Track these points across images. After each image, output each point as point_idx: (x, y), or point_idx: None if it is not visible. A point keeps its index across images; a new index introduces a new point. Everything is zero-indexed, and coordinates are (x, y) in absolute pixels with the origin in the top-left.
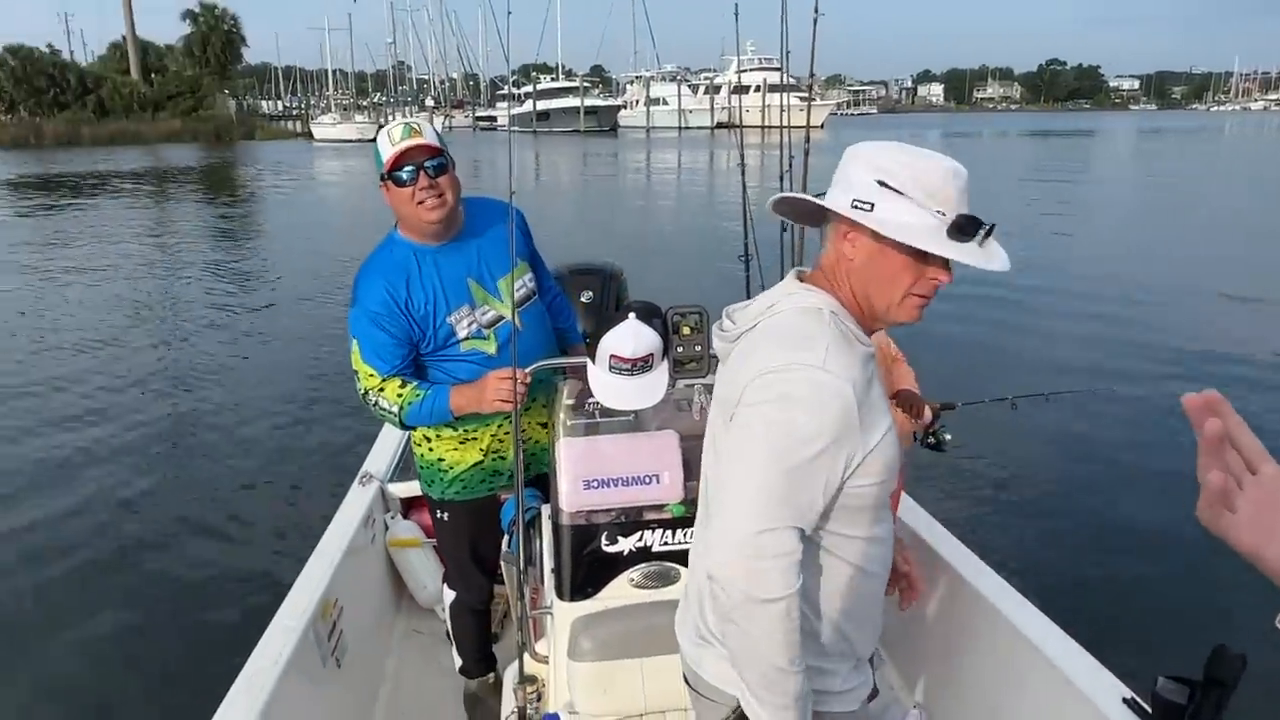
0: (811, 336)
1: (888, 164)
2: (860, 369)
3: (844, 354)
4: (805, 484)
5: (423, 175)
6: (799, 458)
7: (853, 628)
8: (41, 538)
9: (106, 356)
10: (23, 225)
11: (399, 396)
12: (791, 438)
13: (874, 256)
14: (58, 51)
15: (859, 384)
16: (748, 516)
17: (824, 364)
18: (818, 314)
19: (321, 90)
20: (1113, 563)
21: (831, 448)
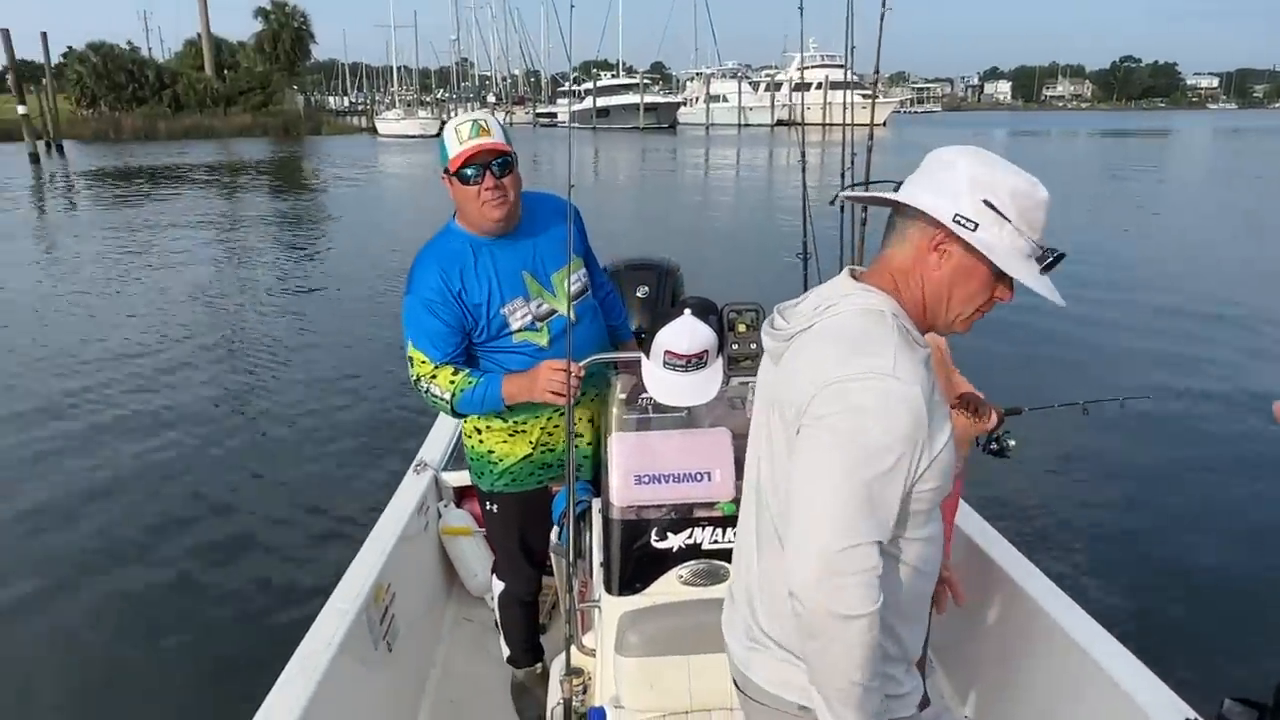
0: (878, 340)
1: (992, 184)
2: (925, 373)
3: (910, 358)
4: (883, 496)
5: (489, 175)
6: (876, 470)
7: (907, 630)
8: (101, 508)
9: (178, 338)
10: (104, 214)
11: (451, 384)
12: (867, 450)
13: (961, 271)
14: (137, 48)
15: (926, 389)
16: (828, 533)
17: (894, 370)
18: (880, 316)
19: (386, 86)
20: (1179, 576)
21: (905, 457)
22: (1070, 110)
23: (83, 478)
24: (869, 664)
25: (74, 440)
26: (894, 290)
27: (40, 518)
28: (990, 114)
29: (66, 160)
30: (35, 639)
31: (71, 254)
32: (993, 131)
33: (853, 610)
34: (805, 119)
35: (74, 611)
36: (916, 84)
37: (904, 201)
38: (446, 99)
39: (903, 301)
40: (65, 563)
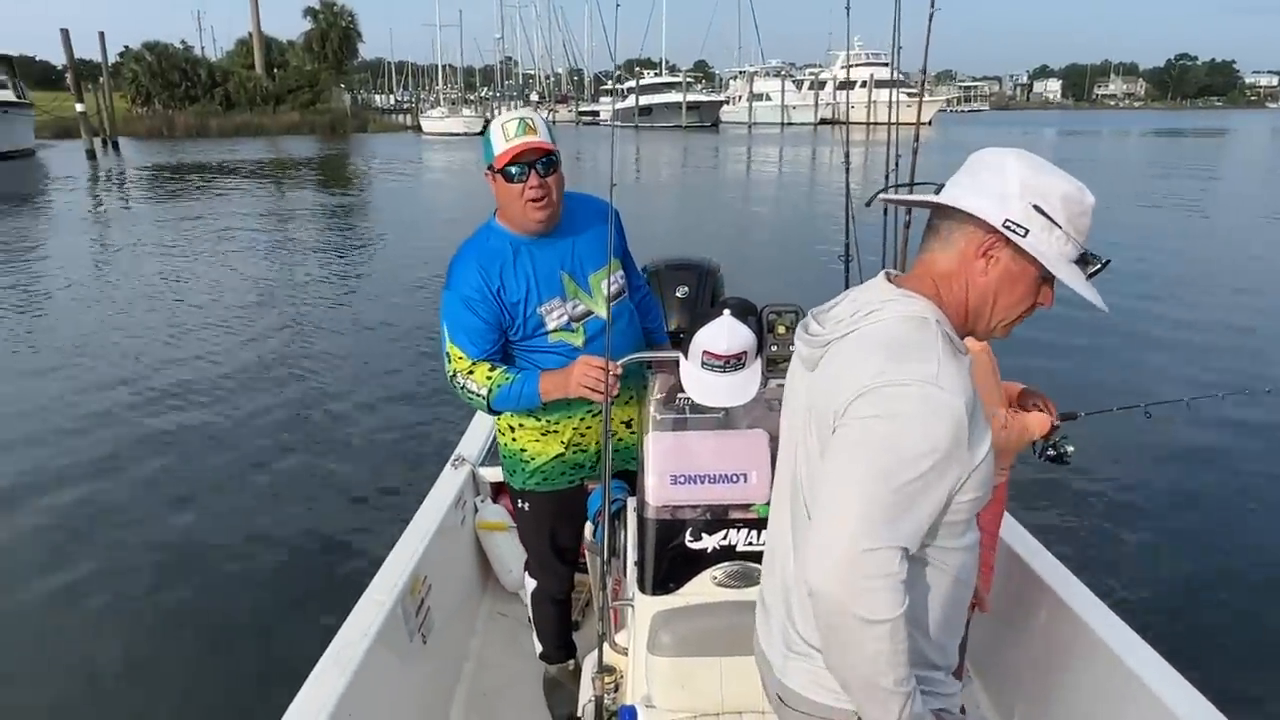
0: (923, 347)
1: (1043, 188)
2: (968, 382)
3: (954, 367)
4: (914, 504)
5: (533, 174)
6: (909, 476)
7: (947, 637)
8: (143, 496)
9: (227, 329)
10: (158, 209)
11: (488, 379)
12: (902, 456)
13: (1008, 276)
14: (190, 47)
15: (968, 399)
16: (851, 534)
17: (937, 378)
18: (924, 323)
19: (431, 85)
20: (1236, 595)
21: (941, 465)
22: (1123, 109)
23: (130, 461)
24: (894, 669)
25: (123, 426)
26: (935, 296)
27: (90, 499)
28: (1039, 113)
29: (122, 157)
30: (82, 619)
31: (127, 247)
32: (1042, 131)
33: (875, 614)
34: (849, 118)
35: (114, 594)
36: (963, 82)
37: (952, 205)
38: (490, 97)
39: (945, 307)
40: (108, 544)
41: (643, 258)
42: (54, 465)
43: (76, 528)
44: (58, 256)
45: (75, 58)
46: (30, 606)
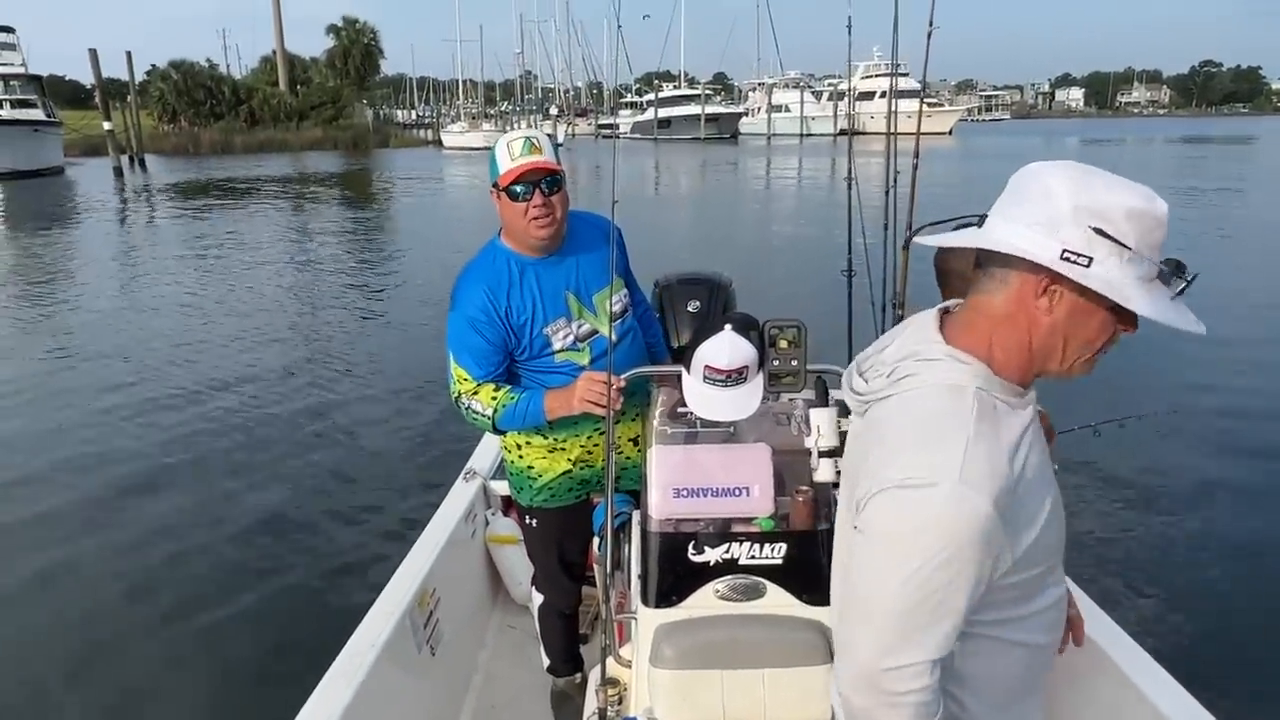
0: (950, 431)
1: (1102, 207)
2: (1008, 457)
3: (987, 450)
4: (939, 613)
5: (537, 193)
6: (930, 588)
7: (1024, 707)
8: (162, 507)
9: (248, 342)
10: (182, 225)
11: (493, 399)
12: (921, 565)
13: (1077, 312)
14: (215, 65)
15: (1005, 484)
16: (874, 651)
17: (960, 473)
18: (960, 394)
19: (452, 100)
20: (1225, 600)
21: (964, 568)
22: (1147, 116)
23: (151, 469)
24: None
25: (145, 434)
26: (988, 348)
27: (113, 505)
28: (1062, 121)
29: (148, 173)
30: (84, 623)
31: (150, 262)
32: (1065, 140)
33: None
34: (868, 128)
35: (125, 598)
36: (984, 91)
37: (995, 249)
38: (510, 111)
39: (999, 358)
40: (116, 554)
41: (657, 271)
42: (72, 479)
43: (95, 533)
44: (84, 271)
45: (103, 77)
46: (53, 609)
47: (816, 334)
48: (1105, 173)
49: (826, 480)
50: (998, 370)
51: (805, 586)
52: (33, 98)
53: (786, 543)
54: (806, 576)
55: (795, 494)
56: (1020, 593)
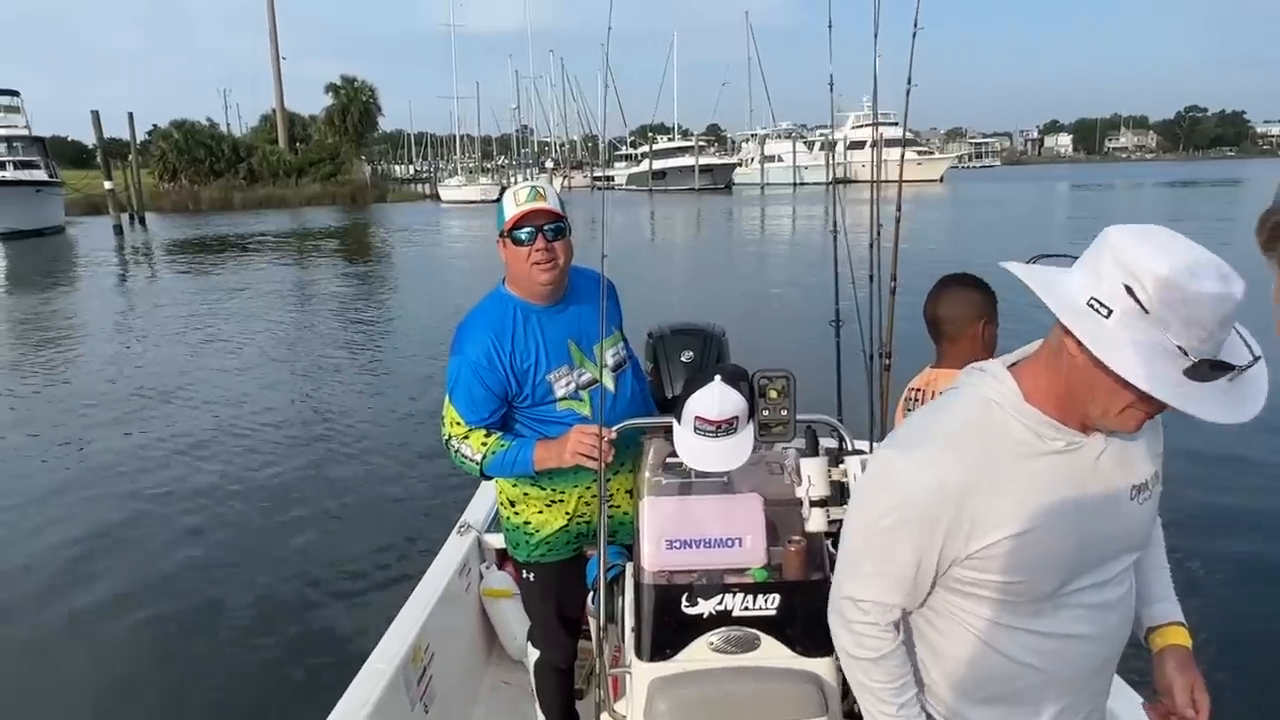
0: (943, 422)
1: (1144, 266)
2: (992, 460)
3: (969, 444)
4: (882, 560)
5: (540, 238)
6: (874, 535)
7: (965, 704)
8: (148, 557)
9: (244, 398)
10: (181, 282)
11: (483, 445)
12: (872, 516)
13: (1091, 365)
14: (215, 124)
15: (970, 478)
16: (839, 577)
17: (926, 453)
18: (982, 404)
19: (449, 154)
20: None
21: (909, 531)
22: (1135, 161)
23: (145, 520)
24: (892, 694)
25: (142, 486)
26: (1034, 376)
27: (105, 558)
28: (1051, 167)
29: (148, 231)
30: (84, 671)
31: (148, 318)
32: (1055, 185)
33: (848, 650)
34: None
35: (117, 648)
36: (974, 139)
37: (1028, 284)
38: (506, 165)
39: (1028, 387)
40: (100, 607)
41: (651, 321)
42: (68, 530)
43: (89, 589)
44: (84, 329)
45: (106, 137)
46: (36, 656)
47: (806, 384)
48: (1189, 246)
49: (819, 530)
50: (1028, 396)
51: (800, 638)
52: (36, 159)
53: (780, 593)
54: (801, 628)
55: (788, 544)
56: (997, 595)
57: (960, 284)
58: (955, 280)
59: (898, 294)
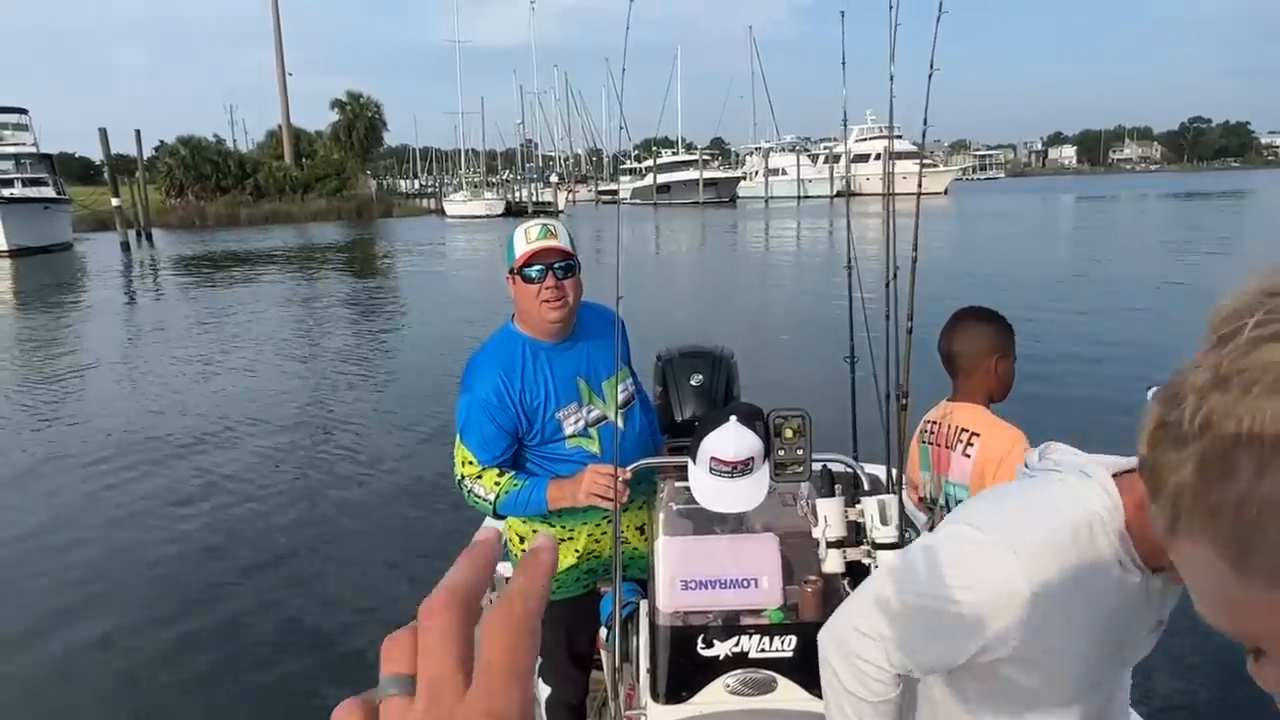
0: (1039, 516)
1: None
2: (1066, 576)
3: (1055, 554)
4: (915, 625)
5: (550, 276)
6: (921, 601)
7: None
8: (153, 577)
9: (250, 417)
10: (188, 298)
11: (496, 485)
12: (923, 583)
13: None
14: (222, 140)
15: (1046, 580)
16: (855, 610)
17: (1015, 545)
18: (1082, 508)
19: (454, 169)
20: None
21: (957, 620)
22: (1139, 173)
23: (151, 537)
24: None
25: (148, 504)
26: (1138, 496)
27: (111, 579)
28: (1055, 179)
29: (155, 247)
30: (84, 688)
31: (154, 335)
32: (1060, 198)
33: (845, 685)
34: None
35: (119, 667)
36: (978, 151)
37: None
38: (511, 180)
39: (1141, 517)
40: (123, 621)
41: (659, 342)
42: (70, 548)
43: (89, 610)
44: (90, 346)
45: (113, 154)
46: (32, 669)
47: (821, 421)
48: None
49: (835, 571)
50: (1129, 519)
51: (817, 679)
52: (44, 176)
53: (797, 635)
54: (818, 669)
55: (804, 584)
56: (1009, 688)
57: (975, 318)
58: (969, 314)
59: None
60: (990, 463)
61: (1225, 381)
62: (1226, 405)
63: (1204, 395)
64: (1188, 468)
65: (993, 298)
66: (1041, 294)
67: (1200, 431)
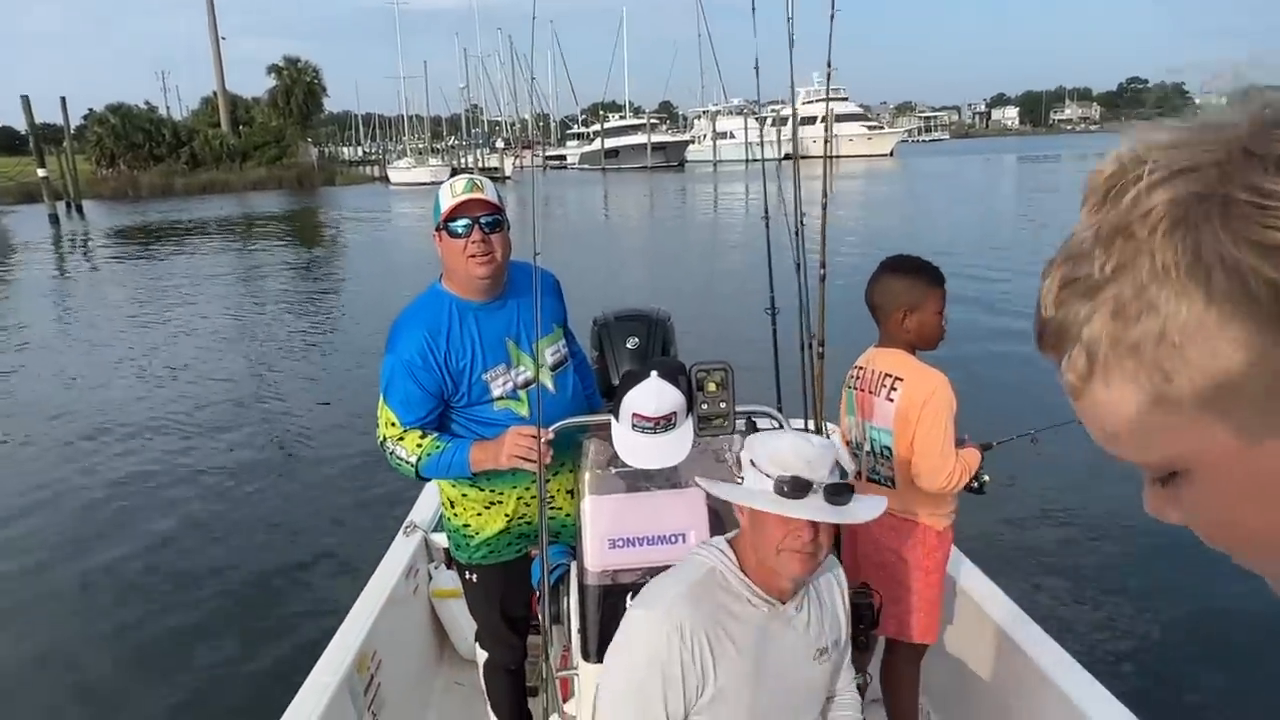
0: (670, 581)
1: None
2: (712, 620)
3: (693, 605)
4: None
5: (476, 229)
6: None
7: None
8: (82, 571)
9: (186, 391)
10: (121, 271)
11: (418, 447)
12: (620, 670)
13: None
14: (154, 108)
15: (692, 628)
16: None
17: (666, 610)
18: (697, 569)
19: (398, 136)
20: (1162, 612)
21: (656, 679)
22: (1080, 133)
23: (79, 525)
24: None
25: (77, 489)
26: (743, 550)
27: (34, 568)
28: (999, 140)
29: (86, 220)
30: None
31: (87, 309)
32: (1003, 158)
33: None
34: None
35: (49, 670)
36: (924, 113)
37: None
38: (457, 146)
39: (750, 563)
40: (48, 619)
41: (598, 307)
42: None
43: (14, 605)
44: (18, 321)
45: (38, 123)
46: None
47: (747, 372)
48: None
49: None
50: (743, 565)
51: None
52: None
53: None
54: None
55: None
56: None
57: (892, 270)
58: (889, 265)
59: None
60: (913, 406)
61: (1128, 227)
62: (1136, 246)
63: (1110, 242)
64: (1102, 313)
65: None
66: (983, 256)
67: (1114, 275)
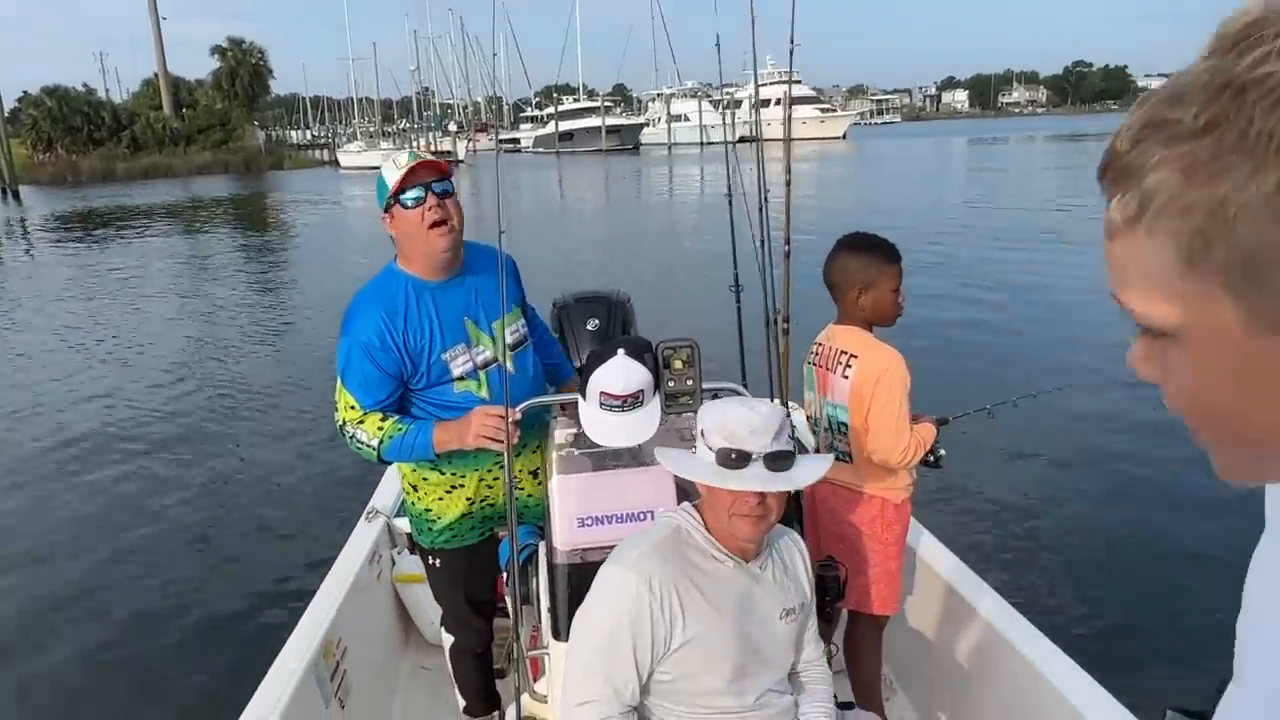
0: (642, 538)
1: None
2: (680, 573)
3: (662, 559)
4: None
5: (430, 195)
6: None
7: None
8: (44, 565)
9: (133, 380)
10: (61, 258)
11: (379, 430)
12: (591, 625)
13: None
14: (93, 90)
15: (661, 580)
16: (567, 698)
17: (634, 564)
18: (664, 528)
19: (348, 119)
20: (1116, 576)
21: (625, 631)
22: (1027, 116)
23: (20, 526)
24: None
25: (23, 480)
26: (712, 517)
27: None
28: (949, 122)
29: (23, 205)
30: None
31: (26, 298)
32: (953, 140)
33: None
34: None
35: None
36: (876, 96)
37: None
38: (408, 129)
39: (711, 524)
40: None
41: (557, 289)
42: None
43: None
44: None
45: None
46: None
47: (712, 350)
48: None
49: None
50: (707, 526)
51: None
52: None
53: None
54: None
55: None
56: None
57: (847, 248)
58: (845, 243)
59: (804, 255)
60: (866, 383)
61: (1242, 84)
62: (1239, 105)
63: (1217, 94)
64: (1173, 167)
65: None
66: (939, 235)
67: (1204, 130)
